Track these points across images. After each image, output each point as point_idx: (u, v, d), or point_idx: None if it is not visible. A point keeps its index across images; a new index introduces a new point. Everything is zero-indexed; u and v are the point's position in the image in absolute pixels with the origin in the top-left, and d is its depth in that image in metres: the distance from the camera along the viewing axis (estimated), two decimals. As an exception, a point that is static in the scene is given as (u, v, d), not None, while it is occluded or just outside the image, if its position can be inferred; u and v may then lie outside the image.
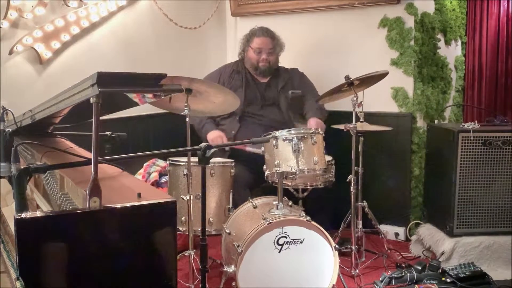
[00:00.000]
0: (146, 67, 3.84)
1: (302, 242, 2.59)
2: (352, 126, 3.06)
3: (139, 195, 1.53)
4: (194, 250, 2.81)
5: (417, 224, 3.71)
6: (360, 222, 3.34)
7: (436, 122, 3.92)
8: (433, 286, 2.79)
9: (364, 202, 3.35)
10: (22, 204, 1.53)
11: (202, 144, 2.03)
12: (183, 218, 2.92)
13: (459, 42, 4.52)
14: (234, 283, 2.54)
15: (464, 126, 3.26)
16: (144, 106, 2.60)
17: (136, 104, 1.79)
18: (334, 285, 2.68)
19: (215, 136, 3.45)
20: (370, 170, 3.49)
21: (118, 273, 1.47)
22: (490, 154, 3.21)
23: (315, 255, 2.63)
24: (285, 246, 2.57)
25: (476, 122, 3.30)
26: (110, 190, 1.58)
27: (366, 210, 3.36)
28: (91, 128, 1.45)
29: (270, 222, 2.53)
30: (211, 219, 3.00)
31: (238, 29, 4.40)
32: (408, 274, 2.89)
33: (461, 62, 4.51)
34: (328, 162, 3.03)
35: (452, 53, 4.39)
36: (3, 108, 2.14)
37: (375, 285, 2.90)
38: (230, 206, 3.04)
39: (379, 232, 3.45)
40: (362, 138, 3.28)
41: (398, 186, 3.84)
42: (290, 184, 2.97)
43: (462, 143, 3.19)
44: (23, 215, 1.37)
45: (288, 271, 2.60)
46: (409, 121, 3.76)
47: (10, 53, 3.16)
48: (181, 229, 2.94)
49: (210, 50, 4.51)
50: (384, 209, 3.74)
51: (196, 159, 2.18)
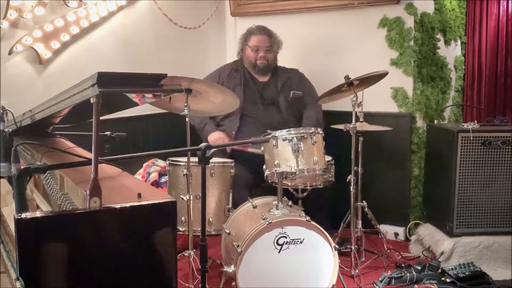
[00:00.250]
0: (146, 67, 3.84)
1: (301, 242, 2.59)
2: (351, 126, 3.06)
3: (139, 195, 1.53)
4: (194, 250, 2.81)
5: (416, 224, 3.72)
6: (359, 222, 3.34)
7: (435, 122, 3.91)
8: (432, 286, 2.79)
9: (363, 202, 3.35)
10: (22, 204, 1.53)
11: (202, 144, 2.04)
12: (183, 218, 2.92)
13: (459, 42, 4.52)
14: (234, 283, 2.54)
15: (463, 126, 3.26)
16: (144, 106, 2.60)
17: (136, 104, 1.79)
18: (334, 285, 2.68)
19: (216, 137, 3.45)
20: (370, 170, 3.49)
21: (118, 273, 1.47)
22: (490, 154, 3.21)
23: (315, 255, 2.63)
24: (284, 246, 2.57)
25: (475, 122, 3.30)
26: (110, 190, 1.58)
27: (366, 210, 3.36)
28: (91, 128, 1.45)
29: (270, 222, 2.53)
30: (211, 219, 3.00)
31: (238, 29, 4.40)
32: (407, 274, 2.89)
33: (460, 62, 4.52)
34: (327, 162, 3.03)
35: (451, 53, 4.39)
36: (3, 108, 2.14)
37: (375, 285, 2.90)
38: (230, 206, 3.04)
39: (379, 232, 3.45)
40: (361, 138, 3.29)
41: (397, 186, 3.85)
42: (289, 184, 2.97)
43: (461, 143, 3.19)
44: (23, 215, 1.37)
45: (288, 271, 2.60)
46: (408, 121, 3.77)
47: (10, 53, 3.16)
48: (181, 229, 2.94)
49: (210, 50, 4.51)
50: (383, 209, 3.74)
51: (195, 159, 2.18)
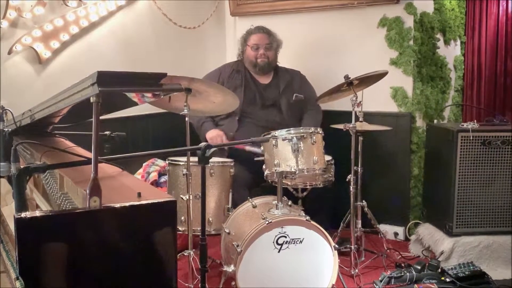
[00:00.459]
0: (146, 67, 3.84)
1: (301, 242, 2.59)
2: (351, 125, 3.06)
3: (139, 195, 1.53)
4: (194, 250, 2.81)
5: (416, 223, 3.72)
6: (359, 222, 3.34)
7: (435, 121, 3.92)
8: (432, 286, 2.79)
9: (363, 201, 3.35)
10: (22, 203, 1.53)
11: (202, 143, 2.04)
12: (183, 218, 2.91)
13: (458, 42, 4.52)
14: (233, 283, 2.54)
15: (463, 125, 3.26)
16: (143, 106, 2.60)
17: (135, 103, 1.79)
18: (333, 284, 2.68)
19: (214, 135, 3.45)
20: (370, 170, 3.48)
21: (118, 273, 1.47)
22: (489, 153, 3.21)
23: (315, 255, 2.62)
24: (284, 246, 2.57)
25: (475, 121, 3.30)
26: (110, 190, 1.58)
27: (366, 209, 3.36)
28: (91, 127, 1.45)
29: (270, 221, 2.52)
30: (211, 219, 3.00)
31: (237, 28, 4.40)
32: (407, 274, 2.89)
33: (460, 61, 4.52)
34: (327, 161, 3.03)
35: (451, 52, 4.39)
36: (2, 107, 2.14)
37: (375, 284, 2.90)
38: (230, 205, 3.03)
39: (379, 231, 3.45)
40: (361, 138, 3.29)
41: (397, 186, 3.84)
42: (289, 183, 2.97)
43: (461, 143, 3.19)
44: (23, 215, 1.36)
45: (287, 271, 2.59)
46: (408, 120, 3.77)
47: (9, 52, 3.16)
48: (180, 229, 2.94)
49: (209, 49, 4.51)
50: (383, 208, 3.74)
51: (195, 159, 2.18)
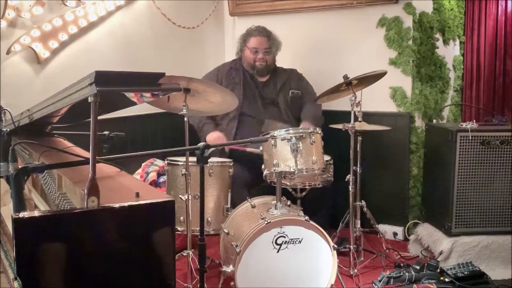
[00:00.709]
0: (145, 67, 3.83)
1: (300, 242, 2.59)
2: (350, 125, 3.06)
3: (137, 195, 1.53)
4: (193, 250, 2.80)
5: (415, 223, 3.71)
6: (358, 222, 3.34)
7: (434, 121, 3.92)
8: (431, 286, 2.79)
9: (362, 201, 3.35)
10: (20, 203, 1.53)
11: (200, 143, 2.03)
12: (182, 218, 2.92)
13: (457, 42, 4.52)
14: (232, 283, 2.54)
15: (462, 125, 3.26)
16: (142, 106, 2.59)
17: (134, 103, 1.78)
18: (332, 284, 2.68)
19: (215, 137, 3.44)
20: (369, 170, 3.49)
21: (116, 273, 1.47)
22: (489, 153, 3.21)
23: (314, 255, 2.62)
24: (283, 246, 2.57)
25: (474, 121, 3.30)
26: (108, 190, 1.58)
27: (365, 209, 3.36)
28: (89, 127, 1.45)
29: (269, 221, 2.52)
30: (210, 219, 2.99)
31: (236, 28, 4.40)
32: (406, 274, 2.89)
33: (459, 61, 4.52)
34: (326, 161, 3.03)
35: (450, 52, 4.39)
36: (1, 107, 2.14)
37: (374, 284, 2.90)
38: (229, 205, 3.03)
39: (378, 231, 3.45)
40: (360, 138, 3.29)
41: (396, 186, 3.84)
42: (288, 183, 2.96)
43: (460, 143, 3.19)
44: (21, 215, 1.36)
45: (286, 271, 2.59)
46: (407, 120, 3.77)
47: (8, 52, 3.15)
48: (179, 229, 2.94)
49: (209, 49, 4.50)
50: (382, 208, 3.74)
51: (194, 159, 2.18)
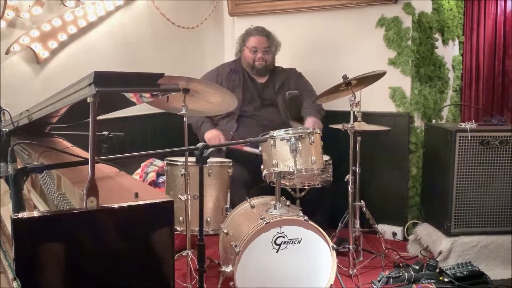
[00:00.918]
0: (144, 67, 3.83)
1: (299, 242, 2.59)
2: (349, 125, 3.06)
3: (136, 195, 1.53)
4: (192, 250, 2.80)
5: (414, 223, 3.71)
6: (357, 222, 3.34)
7: (433, 121, 3.93)
8: (430, 286, 2.79)
9: (361, 201, 3.35)
10: (19, 204, 1.53)
11: (200, 144, 2.03)
12: (181, 218, 2.92)
13: (457, 42, 4.53)
14: (231, 283, 2.53)
15: (461, 125, 3.26)
16: (141, 106, 2.59)
17: (133, 103, 1.78)
18: (332, 285, 2.68)
19: (213, 135, 3.44)
20: (368, 170, 3.49)
21: (115, 273, 1.46)
22: (488, 153, 3.21)
23: (313, 255, 2.62)
24: (282, 246, 2.57)
25: (473, 121, 3.31)
26: (107, 190, 1.58)
27: (364, 209, 3.36)
28: (88, 128, 1.45)
29: (268, 222, 2.52)
30: (209, 219, 3.00)
31: (236, 28, 4.40)
32: (405, 274, 2.89)
33: (458, 61, 4.52)
34: (325, 161, 3.03)
35: (449, 52, 4.40)
36: (0, 108, 2.14)
37: (373, 284, 2.90)
38: (228, 206, 3.03)
39: (377, 231, 3.45)
40: (359, 138, 3.28)
41: (395, 186, 3.85)
42: (287, 183, 2.96)
43: (459, 143, 3.19)
44: (20, 215, 1.36)
45: (285, 271, 2.59)
46: (406, 120, 3.77)
47: (7, 52, 3.15)
48: (178, 229, 2.94)
49: (208, 49, 4.50)
50: (381, 208, 3.74)
51: (193, 159, 2.18)
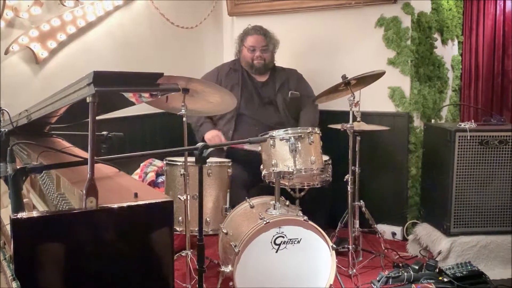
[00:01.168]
0: (143, 67, 3.83)
1: (299, 242, 2.59)
2: (349, 125, 3.06)
3: (136, 195, 1.53)
4: (191, 250, 2.80)
5: (414, 223, 3.71)
6: (357, 222, 3.34)
7: (433, 121, 3.93)
8: (430, 286, 2.79)
9: (361, 201, 3.35)
10: (18, 204, 1.53)
11: (199, 144, 2.03)
12: (180, 218, 2.91)
13: (456, 42, 4.53)
14: (231, 283, 2.53)
15: (461, 125, 3.26)
16: (141, 106, 2.59)
17: (132, 103, 1.78)
18: (331, 284, 2.68)
19: (213, 135, 3.44)
20: (367, 170, 3.49)
21: (114, 273, 1.46)
22: (487, 153, 3.21)
23: (312, 255, 2.62)
24: (282, 246, 2.57)
25: (473, 121, 3.31)
26: (106, 190, 1.58)
27: (363, 209, 3.36)
28: (88, 128, 1.45)
29: (267, 222, 2.52)
30: (208, 219, 2.99)
31: (235, 28, 4.40)
32: (405, 274, 2.89)
33: (457, 61, 4.52)
34: (325, 161, 3.03)
35: (448, 52, 4.40)
36: (-1, 108, 2.14)
37: (372, 284, 2.90)
38: (227, 206, 3.03)
39: (376, 231, 3.45)
40: (359, 138, 3.28)
41: (395, 186, 3.85)
42: (287, 183, 2.96)
43: (459, 143, 3.19)
44: (19, 215, 1.36)
45: (285, 271, 2.59)
46: (406, 120, 3.77)
47: (6, 52, 3.14)
48: (178, 229, 2.94)
49: (207, 49, 4.50)
50: (381, 208, 3.75)
51: (193, 159, 2.18)
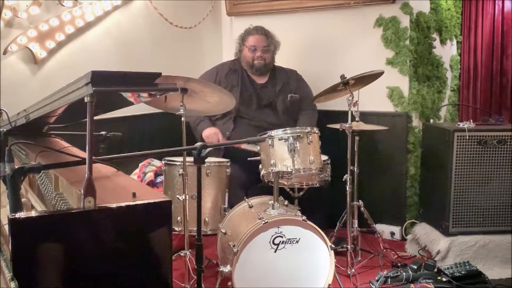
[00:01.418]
0: (142, 67, 3.79)
1: (298, 242, 2.59)
2: (347, 125, 3.06)
3: (134, 195, 1.53)
4: (190, 250, 2.80)
5: (412, 223, 3.72)
6: (356, 222, 3.34)
7: (431, 121, 3.93)
8: (428, 286, 2.80)
9: (360, 201, 3.35)
10: (17, 204, 1.53)
11: (197, 143, 2.03)
12: (179, 218, 2.91)
13: (454, 42, 4.53)
14: (230, 283, 2.53)
15: (459, 125, 3.26)
16: (139, 106, 2.60)
17: (131, 103, 1.79)
18: (330, 284, 2.68)
19: (211, 133, 3.44)
20: (366, 170, 3.48)
21: (113, 273, 1.46)
22: (486, 153, 3.21)
23: (311, 255, 2.62)
24: (281, 246, 2.57)
25: (471, 121, 3.31)
26: (104, 190, 1.58)
27: (362, 209, 3.35)
28: (86, 127, 1.45)
29: (266, 221, 2.52)
30: (207, 219, 2.99)
31: (234, 28, 4.40)
32: (403, 273, 2.90)
33: (456, 61, 4.53)
34: (323, 161, 3.03)
35: (447, 52, 4.40)
36: (-3, 108, 2.14)
37: (371, 284, 2.90)
38: (226, 205, 3.03)
39: (375, 231, 3.45)
40: (357, 138, 3.28)
41: (393, 186, 3.85)
42: (286, 183, 2.96)
43: (457, 142, 3.19)
44: (17, 215, 1.36)
45: (284, 271, 2.59)
46: (404, 120, 3.77)
47: (5, 52, 3.14)
48: (176, 229, 2.94)
49: (206, 49, 4.50)
50: (379, 208, 3.75)
51: (191, 159, 2.18)
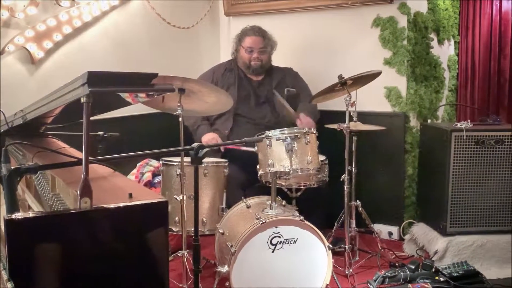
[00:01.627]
0: (139, 67, 3.82)
1: (295, 242, 2.59)
2: (345, 125, 3.06)
3: (130, 196, 1.53)
4: (188, 251, 2.80)
5: (410, 223, 3.72)
6: (353, 222, 3.34)
7: (429, 121, 3.93)
8: (426, 285, 2.80)
9: (357, 201, 3.35)
10: (13, 204, 1.52)
11: (195, 144, 2.03)
12: (177, 219, 2.91)
13: (452, 42, 4.53)
14: (227, 283, 2.53)
15: (457, 125, 3.26)
16: (137, 106, 2.59)
17: (128, 103, 1.78)
18: (327, 284, 2.68)
19: (210, 139, 3.44)
20: (364, 170, 3.49)
21: (109, 273, 1.46)
22: (483, 153, 3.21)
23: (309, 255, 2.62)
24: (278, 246, 2.57)
25: (469, 121, 3.31)
26: (101, 191, 1.58)
27: (360, 209, 3.36)
28: (83, 128, 1.44)
29: (264, 222, 2.52)
30: (205, 219, 2.99)
31: (232, 28, 4.39)
32: (401, 273, 2.90)
33: (454, 61, 4.53)
34: (321, 161, 3.03)
35: (445, 52, 4.40)
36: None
37: (369, 284, 2.91)
38: (224, 206, 3.03)
39: (373, 231, 3.45)
40: (355, 138, 3.29)
41: (391, 186, 3.85)
42: (283, 183, 2.96)
43: (455, 142, 3.19)
44: (14, 216, 1.36)
45: (281, 271, 2.59)
46: (402, 120, 3.77)
47: (2, 53, 3.14)
48: (174, 229, 2.93)
49: (203, 49, 4.50)
50: (377, 208, 3.74)
51: (189, 159, 2.17)
